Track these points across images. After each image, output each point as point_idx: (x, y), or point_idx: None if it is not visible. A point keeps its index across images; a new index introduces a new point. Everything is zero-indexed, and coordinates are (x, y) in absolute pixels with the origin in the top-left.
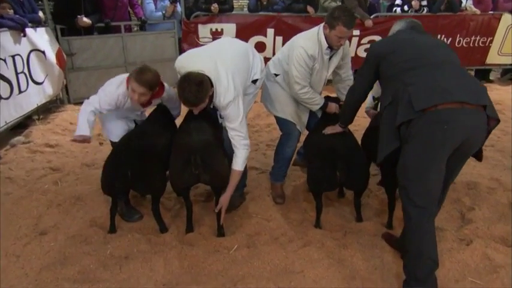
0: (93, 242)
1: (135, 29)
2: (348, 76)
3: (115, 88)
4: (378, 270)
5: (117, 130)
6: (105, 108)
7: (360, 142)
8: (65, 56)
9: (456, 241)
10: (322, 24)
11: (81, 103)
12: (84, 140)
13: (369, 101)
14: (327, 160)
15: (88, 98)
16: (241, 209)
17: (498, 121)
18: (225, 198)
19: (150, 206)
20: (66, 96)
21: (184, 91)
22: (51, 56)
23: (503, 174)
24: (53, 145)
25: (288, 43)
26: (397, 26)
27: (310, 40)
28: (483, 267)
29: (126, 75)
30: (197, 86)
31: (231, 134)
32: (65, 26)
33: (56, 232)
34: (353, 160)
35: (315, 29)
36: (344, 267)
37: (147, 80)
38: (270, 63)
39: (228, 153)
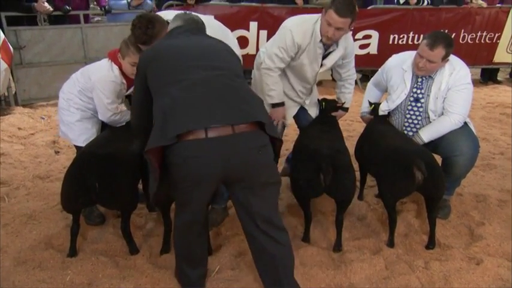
0: (50, 267)
1: (95, 19)
2: (349, 76)
3: (107, 72)
4: None
5: (85, 133)
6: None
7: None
8: (11, 49)
9: (465, 260)
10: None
11: (31, 105)
12: None
13: (364, 105)
14: (309, 162)
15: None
16: (223, 226)
17: (281, 141)
18: None
19: (119, 224)
20: (14, 97)
21: (134, 28)
22: None
23: None
24: None
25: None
26: (173, 24)
27: (302, 27)
28: None
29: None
30: (148, 22)
31: None
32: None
33: (4, 256)
34: (335, 162)
35: (315, 16)
36: None
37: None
38: (261, 50)
39: None
